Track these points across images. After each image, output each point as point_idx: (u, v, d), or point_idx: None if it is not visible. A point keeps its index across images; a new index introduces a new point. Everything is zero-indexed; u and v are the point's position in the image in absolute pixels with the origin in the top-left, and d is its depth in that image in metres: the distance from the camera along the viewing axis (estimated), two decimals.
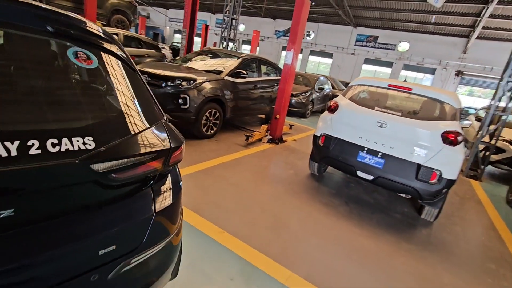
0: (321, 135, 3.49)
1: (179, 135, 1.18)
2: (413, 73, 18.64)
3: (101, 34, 1.03)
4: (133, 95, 1.05)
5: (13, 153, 0.68)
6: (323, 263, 2.19)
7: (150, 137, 1.02)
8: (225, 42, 11.07)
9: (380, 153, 3.01)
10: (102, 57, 1.01)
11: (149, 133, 1.03)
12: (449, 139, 2.77)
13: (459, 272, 2.39)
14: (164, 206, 1.09)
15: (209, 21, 26.10)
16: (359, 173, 3.13)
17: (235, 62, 5.21)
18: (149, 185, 1.06)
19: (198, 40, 10.92)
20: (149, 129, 1.05)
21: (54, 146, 0.76)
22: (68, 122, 0.85)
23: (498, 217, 3.75)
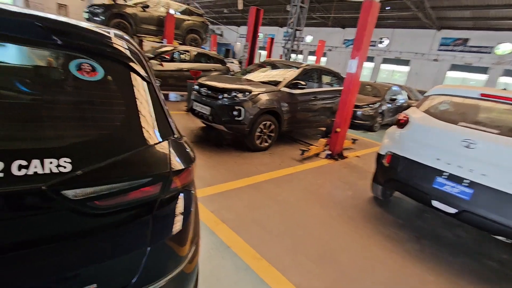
0: (387, 154, 2.98)
1: (189, 155, 1.03)
2: None
3: (115, 45, 0.96)
4: (138, 110, 0.95)
5: None
6: None
7: (146, 158, 0.90)
8: (288, 53, 11.00)
9: (467, 181, 2.36)
10: (110, 69, 0.93)
11: (145, 154, 0.91)
12: None
13: None
14: (170, 235, 0.95)
15: (277, 35, 26.72)
16: (436, 204, 2.52)
17: (294, 73, 5.01)
18: (149, 213, 0.92)
19: (265, 54, 11.18)
20: (146, 149, 0.92)
21: (20, 169, 0.68)
22: (47, 141, 0.78)
23: None
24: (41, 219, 0.75)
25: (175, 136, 1.05)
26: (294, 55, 11.23)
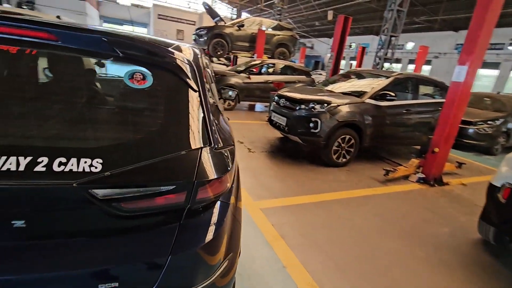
0: (505, 186, 2.28)
1: (223, 165, 0.98)
2: None
3: (166, 56, 1.01)
4: (175, 118, 0.97)
5: (21, 168, 0.72)
6: None
7: (173, 166, 0.89)
8: (381, 62, 10.03)
9: None
10: (158, 78, 0.98)
11: (173, 161, 0.90)
12: None
13: None
14: (197, 246, 0.91)
15: (371, 44, 24.92)
16: None
17: (382, 83, 4.48)
18: (176, 221, 0.91)
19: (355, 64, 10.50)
20: (175, 156, 0.91)
21: (60, 166, 0.75)
22: (86, 142, 0.85)
23: None
24: (70, 214, 0.81)
25: (212, 145, 1.02)
26: (388, 64, 10.14)
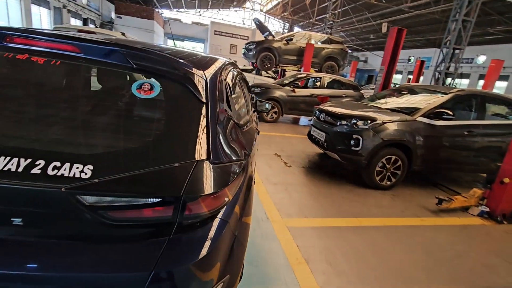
0: None
1: (220, 180, 0.93)
2: None
3: (177, 68, 1.02)
4: (173, 129, 0.95)
5: (20, 169, 0.76)
6: None
7: (163, 178, 0.86)
8: (441, 77, 9.08)
9: None
10: (166, 88, 0.99)
11: (164, 173, 0.87)
12: None
13: None
14: (184, 264, 0.85)
15: (434, 57, 22.89)
16: None
17: (438, 100, 4.00)
18: (164, 235, 0.86)
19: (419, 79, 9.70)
20: (167, 168, 0.88)
21: (54, 169, 0.77)
22: (82, 148, 0.86)
23: None
24: (58, 218, 0.82)
25: (212, 159, 0.97)
26: (450, 79, 9.12)
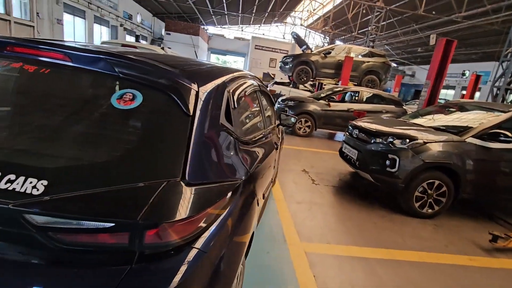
0: None
1: (192, 206, 0.82)
2: None
3: (164, 77, 0.97)
4: (149, 143, 0.87)
5: None
6: None
7: (119, 200, 0.76)
8: (499, 93, 8.07)
9: None
10: (149, 99, 0.93)
11: (122, 194, 0.77)
12: None
13: None
14: None
15: (492, 72, 20.70)
16: None
17: (495, 119, 3.47)
18: (126, 264, 0.75)
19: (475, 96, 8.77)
20: (128, 188, 0.78)
21: (7, 183, 0.71)
22: (43, 160, 0.81)
23: None
24: (6, 236, 0.75)
25: (187, 179, 0.86)
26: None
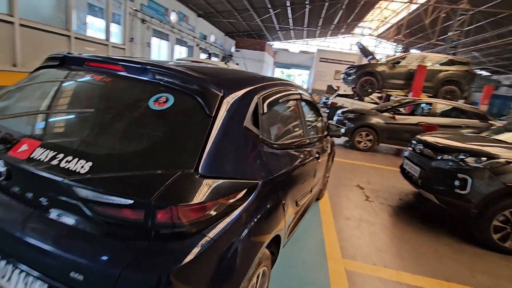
0: None
1: (199, 195, 0.93)
2: None
3: (193, 83, 1.13)
4: (173, 139, 1.03)
5: (46, 159, 0.95)
6: None
7: (140, 182, 0.90)
8: None
9: None
10: (178, 101, 1.09)
11: (143, 178, 0.91)
12: None
13: None
14: (150, 272, 0.84)
15: None
16: None
17: None
18: (144, 240, 0.88)
19: None
20: (148, 174, 0.92)
21: (66, 162, 0.92)
22: (92, 147, 1.02)
23: None
24: (60, 203, 0.95)
25: (199, 172, 0.97)
26: None
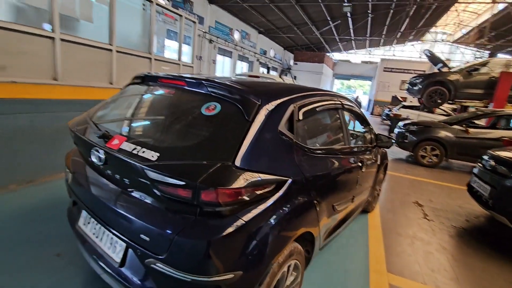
0: None
1: (231, 181, 1.11)
2: None
3: (236, 94, 1.35)
4: (217, 137, 1.24)
5: (130, 150, 1.25)
6: None
7: (191, 169, 1.12)
8: None
9: None
10: (224, 108, 1.31)
11: (194, 166, 1.12)
12: None
13: None
14: (196, 239, 1.07)
15: None
16: None
17: None
18: (192, 215, 1.11)
19: None
20: (198, 163, 1.13)
21: (142, 152, 1.21)
22: (160, 142, 1.31)
23: None
24: (136, 181, 1.25)
25: (234, 164, 1.16)
26: None
